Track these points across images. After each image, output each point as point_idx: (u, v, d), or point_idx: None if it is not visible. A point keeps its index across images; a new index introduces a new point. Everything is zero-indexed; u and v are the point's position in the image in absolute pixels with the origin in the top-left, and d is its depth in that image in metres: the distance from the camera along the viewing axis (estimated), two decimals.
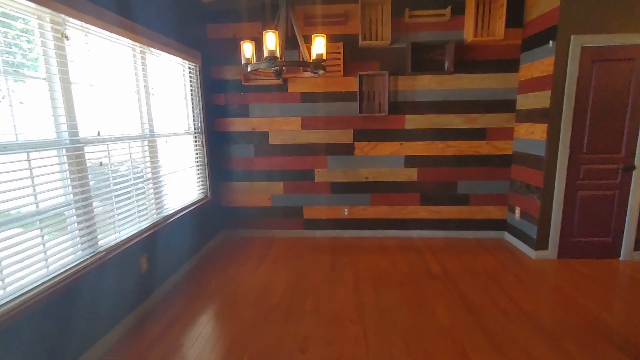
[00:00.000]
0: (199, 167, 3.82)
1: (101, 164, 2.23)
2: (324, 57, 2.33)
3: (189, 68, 3.62)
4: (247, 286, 3.11)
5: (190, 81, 3.66)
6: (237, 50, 3.93)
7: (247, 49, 2.31)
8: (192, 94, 3.68)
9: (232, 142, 4.15)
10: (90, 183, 2.18)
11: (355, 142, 4.06)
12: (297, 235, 4.33)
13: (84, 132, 2.13)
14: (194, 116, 3.72)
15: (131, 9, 2.53)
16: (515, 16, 3.67)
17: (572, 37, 3.10)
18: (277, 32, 2.20)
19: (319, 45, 2.23)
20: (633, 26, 3.06)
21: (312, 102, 4.00)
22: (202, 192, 3.91)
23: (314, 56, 2.27)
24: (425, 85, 3.88)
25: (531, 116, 3.55)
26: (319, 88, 3.97)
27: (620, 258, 3.45)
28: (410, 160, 4.06)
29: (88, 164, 2.15)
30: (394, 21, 3.76)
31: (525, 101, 3.66)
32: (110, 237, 2.36)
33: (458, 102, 3.89)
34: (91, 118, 2.20)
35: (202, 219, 3.78)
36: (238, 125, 4.11)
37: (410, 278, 3.19)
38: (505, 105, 3.87)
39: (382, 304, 2.76)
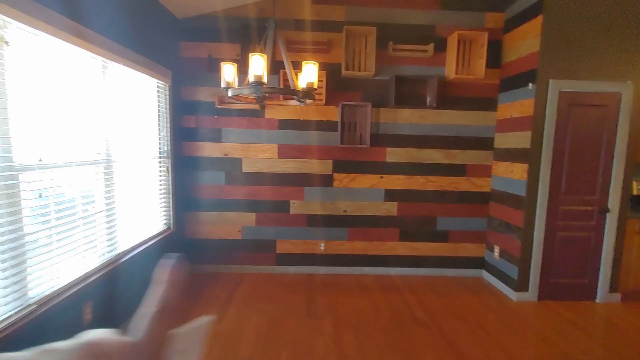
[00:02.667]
0: (162, 196, 3.42)
1: (40, 195, 1.83)
2: (315, 85, 2.14)
3: (158, 87, 3.30)
4: (211, 335, 2.71)
5: (159, 101, 3.32)
6: (212, 70, 3.67)
7: (229, 72, 2.07)
8: (159, 115, 3.34)
9: (202, 169, 3.80)
10: (25, 219, 1.77)
11: (334, 174, 3.87)
12: (268, 271, 3.97)
13: (21, 157, 1.74)
14: (160, 139, 3.36)
15: (90, 16, 2.22)
16: (494, 57, 3.75)
17: (550, 81, 3.17)
18: (265, 55, 1.99)
19: (310, 73, 2.04)
20: (602, 75, 3.19)
21: (291, 130, 3.79)
22: (165, 224, 3.49)
23: (303, 84, 2.07)
24: (407, 118, 3.82)
25: (510, 155, 3.56)
26: (298, 115, 3.77)
27: (597, 300, 3.44)
28: (390, 194, 3.91)
29: (23, 196, 1.75)
30: (378, 53, 3.71)
31: (504, 140, 3.68)
32: (44, 285, 1.93)
33: (439, 137, 3.85)
34: (32, 139, 1.82)
35: (164, 254, 3.34)
36: (209, 150, 3.78)
37: (394, 323, 2.95)
38: (484, 142, 3.88)
39: (367, 356, 2.48)
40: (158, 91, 3.30)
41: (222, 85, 2.09)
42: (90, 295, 2.25)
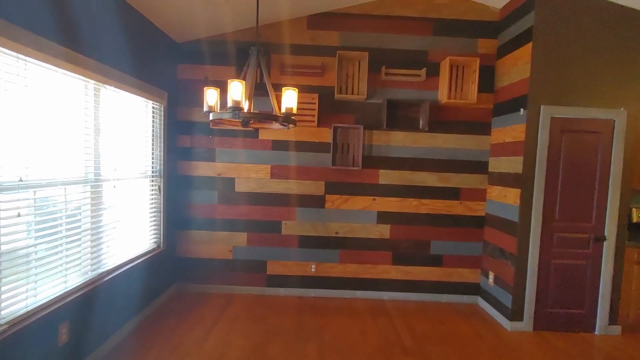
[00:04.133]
0: (153, 214, 3.45)
1: (19, 214, 1.87)
2: (294, 111, 2.17)
3: (153, 107, 3.38)
4: (194, 356, 2.66)
5: (153, 121, 3.40)
6: None
7: (211, 96, 2.12)
8: (153, 135, 3.41)
9: (195, 188, 3.84)
10: (2, 239, 1.79)
11: (326, 195, 3.86)
12: (258, 293, 3.93)
13: (1, 177, 1.79)
14: (153, 158, 3.42)
15: (84, 43, 2.31)
16: (487, 82, 3.77)
17: (542, 107, 3.16)
18: (245, 82, 2.03)
19: (289, 99, 2.08)
20: (595, 102, 3.17)
21: (284, 151, 3.82)
22: (155, 242, 3.50)
23: (283, 109, 2.10)
24: (400, 141, 3.83)
25: (504, 180, 3.52)
26: (291, 137, 3.81)
27: (596, 332, 3.30)
28: (383, 217, 3.88)
29: (2, 215, 1.79)
30: (370, 77, 3.76)
31: (498, 164, 3.65)
32: (19, 304, 1.93)
33: (432, 161, 3.84)
34: (14, 159, 1.87)
35: (152, 273, 3.34)
36: (202, 169, 3.83)
37: (380, 351, 2.86)
38: (478, 166, 3.85)
39: None
40: (153, 112, 3.39)
41: (205, 109, 2.13)
42: (68, 314, 2.25)
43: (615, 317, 3.30)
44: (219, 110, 2.20)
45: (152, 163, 3.42)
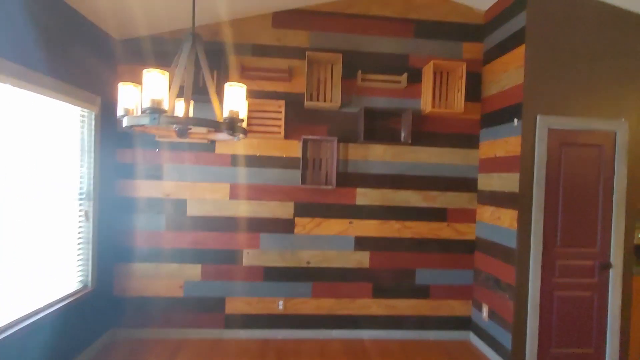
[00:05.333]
0: (80, 245, 2.79)
1: None
2: (240, 115, 1.64)
3: (81, 115, 2.77)
4: None
5: (82, 132, 2.78)
6: None
7: (128, 95, 1.55)
8: (82, 148, 2.78)
9: (138, 211, 3.20)
10: None
11: (295, 218, 3.31)
12: (215, 337, 3.28)
13: None
14: (80, 177, 2.78)
15: None
16: (473, 90, 3.39)
17: (538, 117, 2.78)
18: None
19: (234, 99, 1.55)
20: (595, 111, 2.83)
21: (246, 167, 3.27)
22: (81, 281, 2.82)
23: (226, 113, 1.56)
24: (380, 156, 3.36)
25: (497, 199, 3.10)
26: (254, 151, 3.27)
27: None
28: (361, 243, 3.36)
29: None
30: (345, 83, 3.30)
31: (488, 182, 3.24)
32: None
33: (416, 177, 3.39)
34: None
35: (76, 320, 2.66)
36: (148, 189, 3.20)
37: None
38: (466, 184, 3.43)
39: None
40: (81, 120, 2.77)
41: (119, 112, 1.57)
42: None
43: (626, 356, 2.89)
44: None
45: (81, 183, 2.78)
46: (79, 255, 2.79)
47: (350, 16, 3.31)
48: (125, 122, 1.49)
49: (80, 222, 2.78)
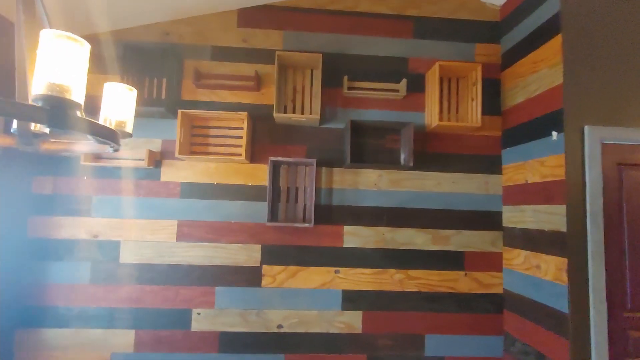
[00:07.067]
0: None
1: None
2: (126, 125, 0.93)
3: None
4: None
5: None
6: (88, 111, 2.50)
7: None
8: None
9: (54, 258, 2.43)
10: None
11: (263, 266, 2.51)
12: None
13: None
14: None
15: None
16: (490, 101, 2.69)
17: (585, 128, 2.03)
18: None
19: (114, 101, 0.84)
20: None
21: (199, 199, 2.52)
22: None
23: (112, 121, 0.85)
24: (373, 183, 2.60)
25: (533, 241, 2.28)
26: (211, 177, 2.54)
27: None
28: (351, 299, 2.53)
29: None
30: (328, 92, 2.63)
31: (518, 217, 2.44)
32: None
33: (421, 211, 2.61)
34: None
35: None
36: (69, 229, 2.45)
37: None
38: (487, 219, 2.63)
39: None
40: None
41: None
42: None
43: None
44: None
45: None
46: None
47: (334, 13, 2.69)
48: None
49: None
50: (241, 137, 2.45)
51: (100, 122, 1.02)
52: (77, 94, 0.77)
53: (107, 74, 2.51)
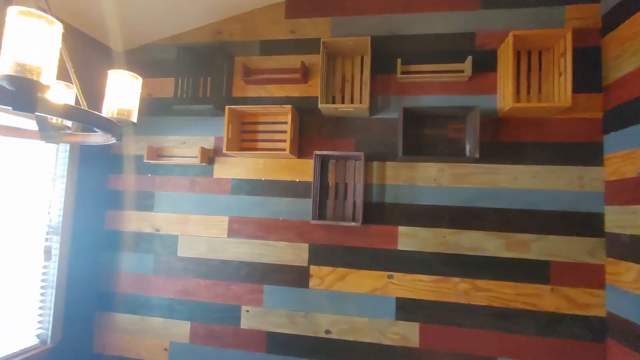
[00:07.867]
0: (44, 289, 2.29)
1: None
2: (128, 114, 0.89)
3: None
4: None
5: (56, 153, 2.37)
6: (149, 113, 2.69)
7: None
8: (55, 174, 2.36)
9: (124, 249, 2.65)
10: None
11: (311, 266, 2.39)
12: None
13: None
14: (50, 207, 2.33)
15: None
16: (586, 75, 2.15)
17: None
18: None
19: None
20: None
21: (248, 195, 2.51)
22: (39, 335, 2.29)
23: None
24: (433, 179, 2.29)
25: None
26: (259, 173, 2.51)
27: None
28: (406, 308, 2.26)
29: None
30: (379, 80, 2.39)
31: (628, 220, 1.90)
32: None
33: (492, 211, 2.21)
34: None
35: None
36: (136, 222, 2.65)
37: None
38: (582, 222, 2.11)
39: None
40: None
41: None
42: None
43: None
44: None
45: (50, 215, 2.33)
46: (42, 301, 2.29)
47: None
48: None
49: (47, 262, 2.30)
50: (284, 132, 2.37)
51: (104, 110, 0.99)
52: (47, 76, 0.73)
53: (162, 77, 2.66)
